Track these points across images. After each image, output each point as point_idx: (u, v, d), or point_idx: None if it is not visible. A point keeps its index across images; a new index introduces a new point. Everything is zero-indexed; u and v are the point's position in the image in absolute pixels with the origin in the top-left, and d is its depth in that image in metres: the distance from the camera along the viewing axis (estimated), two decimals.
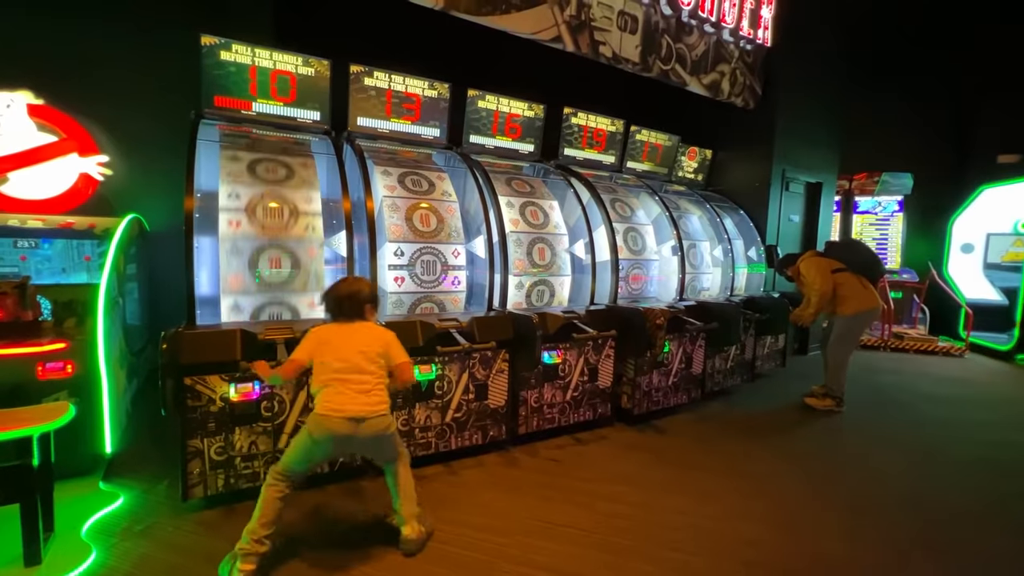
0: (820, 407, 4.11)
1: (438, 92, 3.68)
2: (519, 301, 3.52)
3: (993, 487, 2.92)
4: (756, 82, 5.25)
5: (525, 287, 3.56)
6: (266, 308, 2.80)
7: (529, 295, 3.59)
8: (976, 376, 5.55)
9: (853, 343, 4.08)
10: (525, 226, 3.64)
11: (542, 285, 3.63)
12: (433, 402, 2.83)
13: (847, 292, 3.98)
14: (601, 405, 3.52)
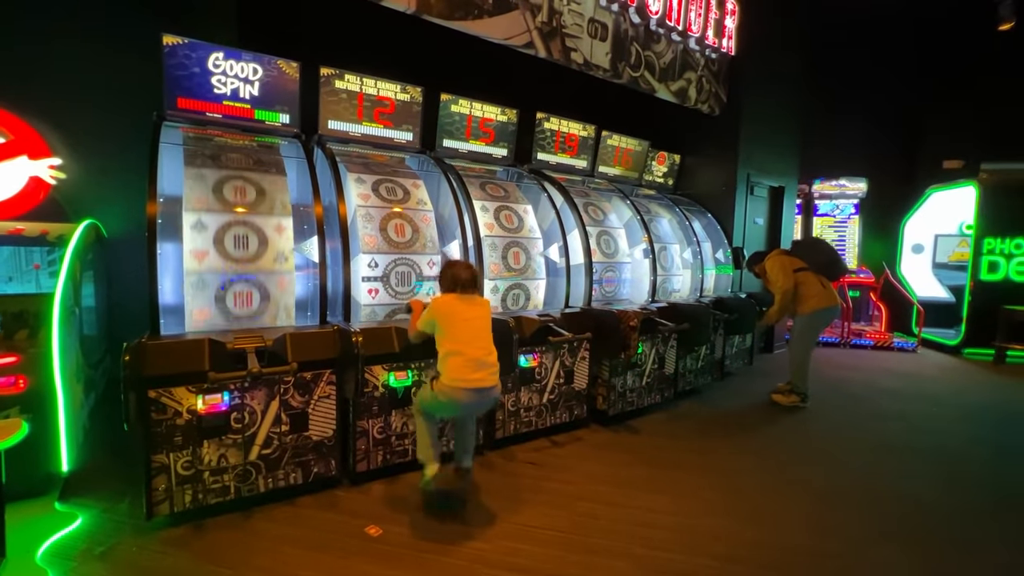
0: (786, 403, 4.26)
1: (411, 96, 3.66)
2: (495, 305, 3.52)
3: (947, 476, 3.08)
4: (721, 89, 5.42)
5: (501, 291, 3.57)
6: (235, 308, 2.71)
7: (504, 299, 3.59)
8: (928, 371, 5.86)
9: (812, 340, 4.23)
10: (500, 230, 3.65)
11: (517, 289, 3.65)
12: (410, 410, 2.79)
13: (807, 291, 4.12)
14: (577, 407, 3.56)
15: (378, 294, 3.08)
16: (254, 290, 2.76)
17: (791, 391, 4.28)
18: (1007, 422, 4.12)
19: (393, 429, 2.76)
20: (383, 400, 2.71)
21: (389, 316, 3.07)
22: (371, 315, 3.06)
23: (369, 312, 3.05)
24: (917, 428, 3.87)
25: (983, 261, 6.38)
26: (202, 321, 2.65)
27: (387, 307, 3.10)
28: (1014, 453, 3.46)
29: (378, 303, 3.08)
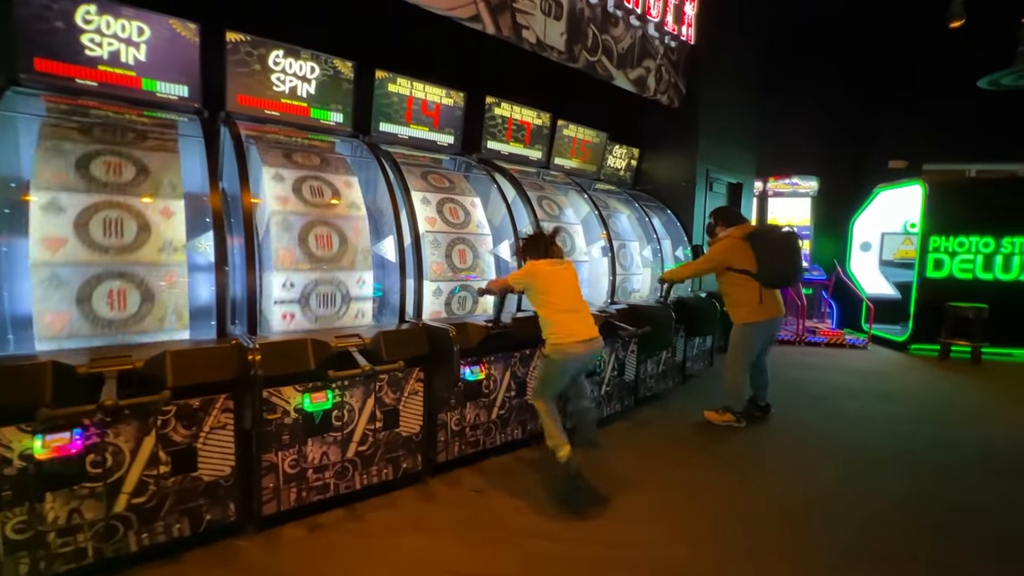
0: (718, 421, 3.68)
1: (339, 71, 3.20)
2: (437, 310, 3.13)
3: (911, 485, 2.93)
4: (680, 80, 5.22)
5: (444, 294, 3.17)
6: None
7: (449, 303, 3.20)
8: (880, 367, 5.89)
9: (747, 353, 3.62)
10: (443, 225, 3.25)
11: (464, 291, 3.27)
12: (330, 436, 2.36)
13: (742, 297, 3.52)
14: (532, 421, 3.22)
15: (294, 319, 2.60)
16: (131, 287, 2.20)
17: (725, 408, 3.71)
18: (960, 419, 4.09)
19: (309, 461, 2.32)
20: (296, 427, 2.27)
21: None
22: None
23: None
24: (880, 432, 3.76)
25: (929, 259, 6.50)
26: (59, 329, 2.08)
27: (307, 333, 2.63)
28: (971, 456, 3.38)
29: (295, 329, 2.58)
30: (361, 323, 2.79)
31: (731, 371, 3.69)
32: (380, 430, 2.51)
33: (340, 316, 2.74)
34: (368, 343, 2.42)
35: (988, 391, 5.00)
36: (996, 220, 6.35)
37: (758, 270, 3.48)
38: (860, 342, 6.93)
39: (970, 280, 6.42)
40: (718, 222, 3.85)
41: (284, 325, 2.57)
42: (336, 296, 2.72)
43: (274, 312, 2.54)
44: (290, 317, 2.58)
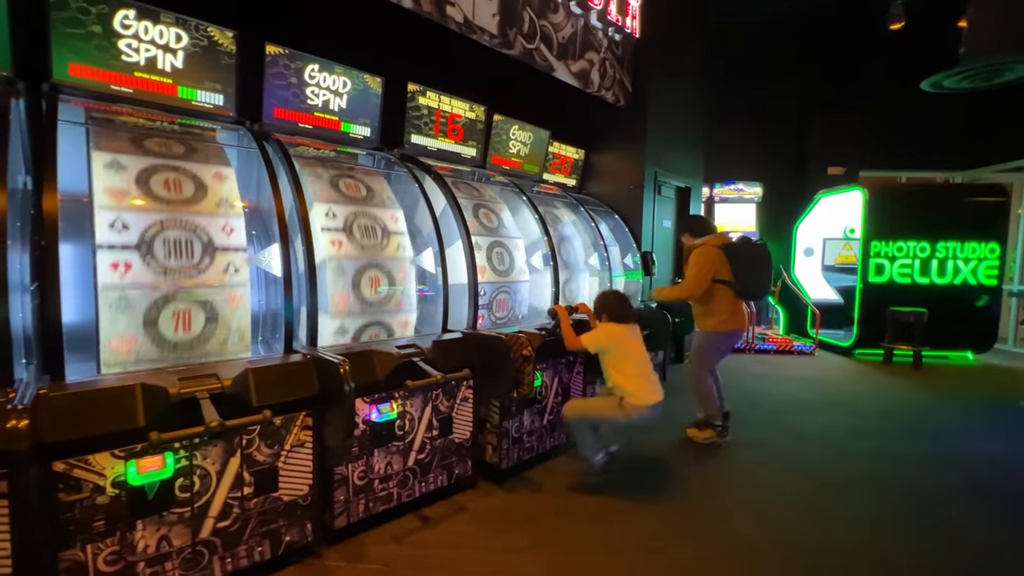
0: (701, 439, 3.57)
1: (217, 42, 2.59)
2: (348, 340, 2.57)
3: (881, 516, 2.64)
4: (626, 77, 4.90)
5: (351, 332, 2.61)
6: None
7: (359, 337, 2.64)
8: (829, 375, 5.79)
9: (711, 361, 3.57)
10: (353, 249, 2.68)
11: (376, 327, 2.71)
12: (179, 511, 1.75)
13: (715, 307, 3.45)
14: (459, 464, 2.70)
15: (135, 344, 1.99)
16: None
17: (705, 423, 3.61)
18: (917, 431, 3.93)
19: (139, 552, 1.70)
20: (116, 507, 1.65)
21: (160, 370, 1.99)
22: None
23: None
24: (842, 451, 3.50)
25: (871, 264, 6.52)
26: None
27: (155, 363, 2.01)
28: (941, 476, 3.16)
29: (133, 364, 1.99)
30: (230, 348, 2.19)
31: (698, 378, 3.58)
32: (250, 497, 1.92)
33: (207, 339, 2.13)
34: (228, 385, 1.83)
35: (935, 397, 4.94)
36: (932, 225, 6.46)
37: (736, 282, 3.44)
38: (808, 348, 6.88)
39: (909, 284, 6.48)
40: (689, 231, 3.70)
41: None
42: (195, 314, 2.11)
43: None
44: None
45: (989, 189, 6.65)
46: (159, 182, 2.16)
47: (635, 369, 2.73)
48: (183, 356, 2.06)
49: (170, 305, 2.04)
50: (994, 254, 6.38)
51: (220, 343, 2.15)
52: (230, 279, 2.19)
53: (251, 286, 2.55)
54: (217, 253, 2.18)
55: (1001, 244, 6.38)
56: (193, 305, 2.09)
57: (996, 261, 6.38)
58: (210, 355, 2.12)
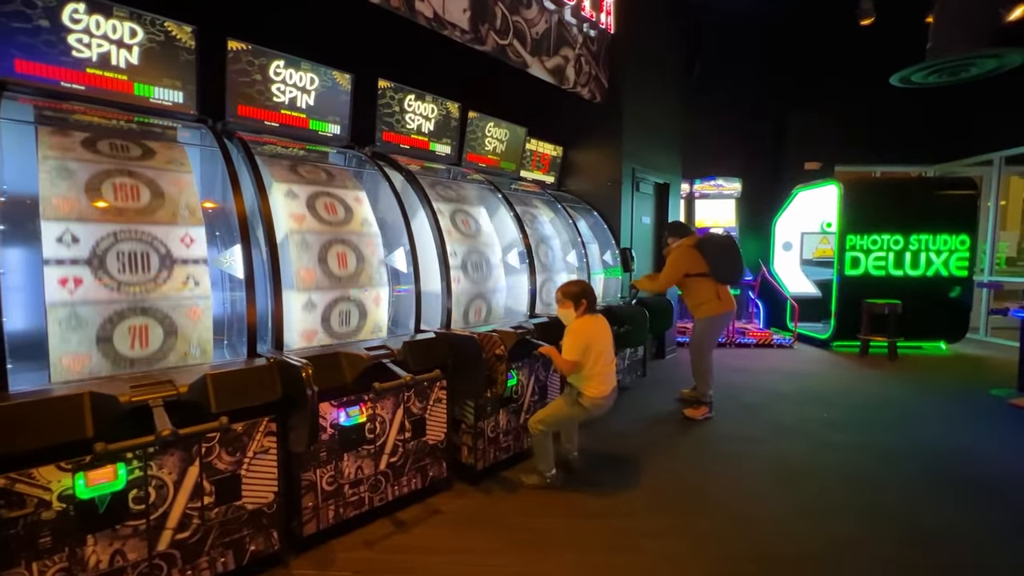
0: (698, 416, 3.97)
1: (176, 38, 2.51)
2: (312, 329, 2.51)
3: (862, 511, 2.66)
4: (602, 73, 4.89)
5: (319, 308, 2.55)
6: None
7: (327, 318, 2.58)
8: (808, 367, 5.86)
9: (711, 344, 4.05)
10: (316, 223, 2.63)
11: (345, 303, 2.66)
12: (133, 524, 1.69)
13: (700, 297, 3.97)
14: (433, 466, 2.66)
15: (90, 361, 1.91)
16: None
17: (698, 402, 4.06)
18: (893, 422, 3.98)
19: (92, 567, 1.63)
20: (64, 521, 1.57)
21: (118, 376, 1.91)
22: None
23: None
24: (820, 443, 3.53)
25: (847, 257, 6.61)
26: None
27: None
28: (915, 466, 3.21)
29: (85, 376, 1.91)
30: (191, 362, 2.12)
31: (701, 360, 4.01)
32: (211, 507, 1.86)
33: (165, 354, 2.05)
34: (184, 392, 1.77)
35: (910, 387, 5.02)
36: (904, 218, 6.57)
37: (711, 270, 3.91)
38: (787, 341, 6.95)
39: (884, 277, 6.59)
40: (670, 236, 4.24)
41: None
42: (153, 330, 2.03)
43: None
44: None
45: (959, 182, 6.80)
46: (112, 189, 2.08)
47: (600, 362, 2.69)
48: (141, 373, 1.99)
49: (125, 321, 1.96)
50: (964, 246, 6.51)
51: (180, 357, 2.08)
52: (190, 292, 2.12)
53: (217, 287, 2.50)
54: (176, 266, 2.10)
55: (971, 236, 6.52)
56: (150, 320, 2.02)
57: (967, 253, 6.52)
58: (186, 366, 2.06)
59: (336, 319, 2.61)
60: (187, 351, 2.11)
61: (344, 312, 2.65)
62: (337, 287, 2.61)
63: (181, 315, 2.09)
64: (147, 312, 2.01)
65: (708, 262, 3.92)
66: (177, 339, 2.08)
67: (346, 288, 2.65)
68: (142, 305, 2.01)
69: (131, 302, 1.98)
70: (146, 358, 2.01)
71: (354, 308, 2.69)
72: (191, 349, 2.12)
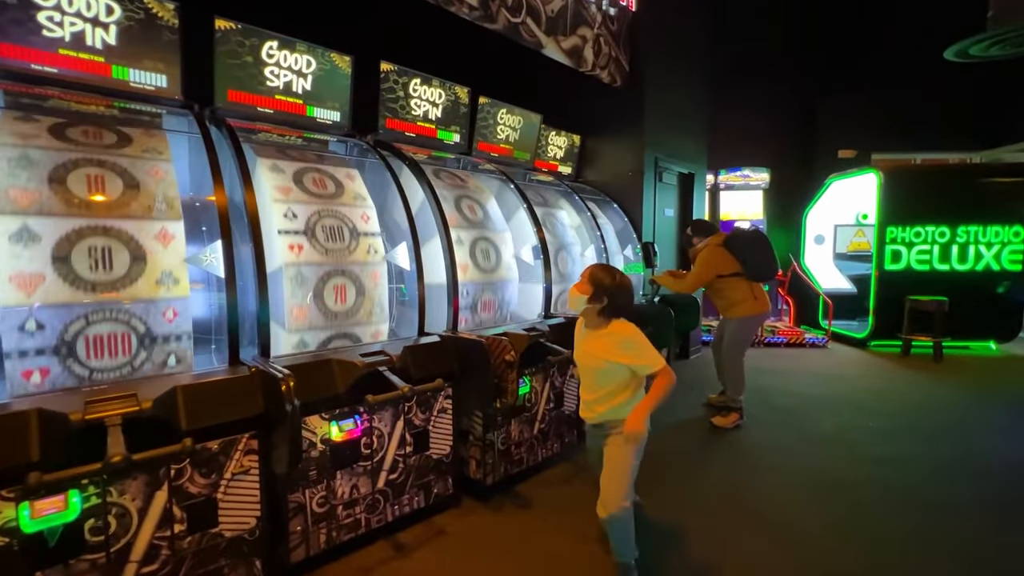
0: (727, 425, 3.66)
1: (152, 13, 2.30)
2: (306, 343, 2.29)
3: (900, 530, 2.34)
4: (622, 55, 4.57)
5: (311, 282, 2.33)
6: None
7: (319, 293, 2.36)
8: (844, 369, 5.47)
9: (744, 347, 3.78)
10: (303, 195, 2.42)
11: (339, 277, 2.43)
12: (90, 559, 1.49)
13: (735, 295, 3.66)
14: (438, 482, 2.43)
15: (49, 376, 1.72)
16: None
17: (728, 408, 3.74)
18: (941, 431, 3.61)
19: None
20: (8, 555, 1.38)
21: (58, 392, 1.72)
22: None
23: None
24: (860, 456, 3.20)
25: (887, 251, 6.16)
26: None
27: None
28: (970, 486, 2.86)
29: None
30: (172, 369, 1.92)
31: (734, 364, 3.75)
32: (182, 535, 1.65)
33: (137, 363, 1.86)
34: (147, 408, 1.56)
35: (957, 392, 4.62)
36: (951, 209, 6.09)
37: (744, 268, 3.64)
38: (820, 340, 6.54)
39: (928, 271, 6.13)
40: (695, 234, 3.90)
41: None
42: (128, 337, 1.84)
43: None
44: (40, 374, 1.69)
45: (1012, 169, 6.27)
46: (81, 180, 1.88)
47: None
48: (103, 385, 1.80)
49: (92, 327, 1.77)
50: (1018, 238, 6.01)
51: (157, 367, 1.89)
52: (167, 293, 1.92)
53: (209, 289, 2.32)
54: (148, 263, 1.90)
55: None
56: (120, 326, 1.82)
57: (1020, 245, 6.01)
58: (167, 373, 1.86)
59: (330, 297, 2.38)
60: (165, 361, 1.91)
61: (338, 287, 2.42)
62: (329, 262, 2.39)
63: (157, 320, 1.89)
64: (118, 319, 1.82)
65: (740, 260, 3.64)
66: (155, 347, 1.89)
67: (339, 263, 2.43)
68: (112, 308, 1.81)
69: (98, 306, 1.79)
70: (113, 367, 1.82)
71: (349, 283, 2.46)
72: (169, 360, 1.92)
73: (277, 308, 2.23)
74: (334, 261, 2.43)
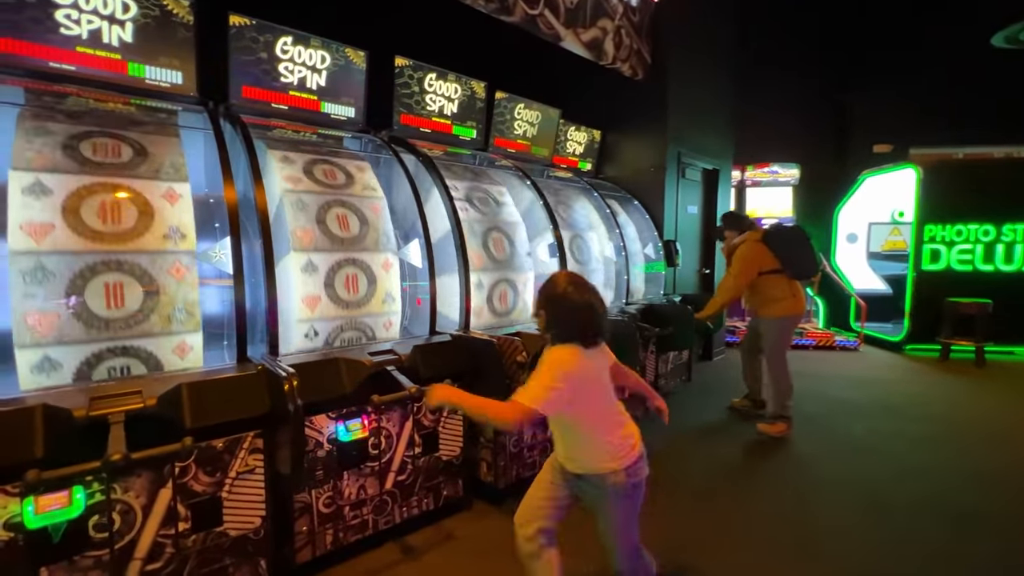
0: (775, 433, 3.44)
1: (167, 10, 2.31)
2: (313, 294, 2.26)
3: (951, 551, 2.18)
4: (644, 47, 4.44)
5: (321, 272, 2.31)
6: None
7: (330, 283, 2.33)
8: (877, 373, 5.22)
9: (786, 349, 3.60)
10: (313, 184, 2.41)
11: (350, 267, 2.40)
12: (94, 555, 1.48)
13: (775, 292, 3.47)
14: (448, 484, 2.38)
15: None
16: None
17: (774, 415, 3.52)
18: (983, 440, 3.39)
19: None
20: None
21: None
22: None
23: None
24: (898, 469, 3.02)
25: (925, 250, 5.87)
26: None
27: None
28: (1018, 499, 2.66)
29: None
30: (187, 365, 1.91)
31: (778, 369, 3.54)
32: (187, 534, 1.64)
33: (143, 317, 1.85)
34: (152, 405, 1.55)
35: (1002, 400, 4.35)
36: (996, 206, 5.75)
37: (784, 265, 3.47)
38: (852, 343, 6.28)
39: (970, 272, 5.81)
40: (729, 227, 3.75)
41: None
42: (129, 286, 1.83)
43: None
44: None
45: None
46: (91, 148, 1.89)
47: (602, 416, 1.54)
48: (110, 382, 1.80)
49: (99, 277, 1.77)
50: None
51: (163, 325, 1.88)
52: (172, 247, 1.90)
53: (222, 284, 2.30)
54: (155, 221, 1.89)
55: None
56: (126, 277, 1.81)
57: None
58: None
59: (340, 285, 2.35)
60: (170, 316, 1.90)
61: (350, 276, 2.38)
62: (340, 249, 2.36)
63: (165, 277, 1.88)
64: (122, 269, 1.82)
65: (780, 256, 3.48)
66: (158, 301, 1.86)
67: (349, 251, 2.39)
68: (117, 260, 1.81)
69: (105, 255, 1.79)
70: (123, 318, 1.81)
71: (361, 273, 2.43)
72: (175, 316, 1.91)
73: (288, 299, 2.21)
74: (346, 249, 2.39)
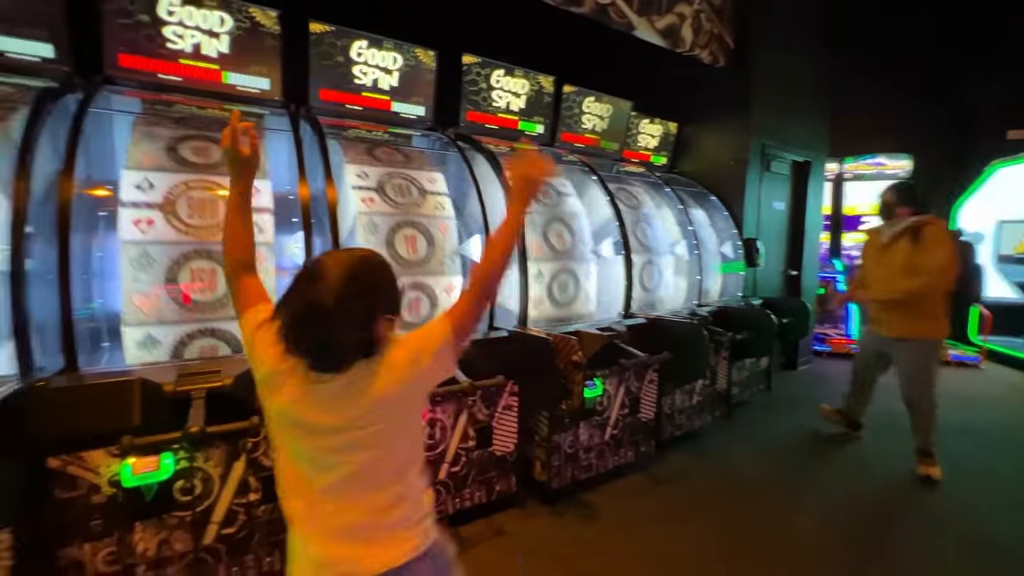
0: (936, 475, 2.86)
1: (256, 22, 2.50)
2: None
3: None
4: (726, 31, 4.15)
5: None
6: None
7: None
8: (1004, 394, 4.52)
9: (938, 376, 2.97)
10: (384, 206, 2.49)
11: (414, 291, 2.48)
12: (176, 516, 1.65)
13: (939, 311, 2.84)
14: (500, 480, 2.38)
15: None
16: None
17: (926, 451, 2.93)
18: None
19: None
20: None
21: None
22: None
23: None
24: (1017, 504, 2.60)
25: None
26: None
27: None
28: None
29: None
30: None
31: (930, 400, 2.92)
32: (257, 504, 1.78)
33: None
34: (229, 384, 1.69)
35: None
36: None
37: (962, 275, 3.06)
38: (972, 359, 5.48)
39: None
40: (905, 202, 2.94)
41: None
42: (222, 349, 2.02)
43: None
44: None
45: None
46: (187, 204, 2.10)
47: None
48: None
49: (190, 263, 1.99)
50: None
51: None
52: None
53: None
54: None
55: None
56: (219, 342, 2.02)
57: None
58: None
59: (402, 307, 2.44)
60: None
61: (413, 299, 2.46)
62: (405, 272, 2.44)
63: None
64: (211, 257, 2.04)
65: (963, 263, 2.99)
66: None
67: (415, 274, 2.47)
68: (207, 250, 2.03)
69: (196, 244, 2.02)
70: (211, 303, 2.02)
71: (424, 297, 2.50)
72: None
73: None
74: (411, 272, 2.48)
